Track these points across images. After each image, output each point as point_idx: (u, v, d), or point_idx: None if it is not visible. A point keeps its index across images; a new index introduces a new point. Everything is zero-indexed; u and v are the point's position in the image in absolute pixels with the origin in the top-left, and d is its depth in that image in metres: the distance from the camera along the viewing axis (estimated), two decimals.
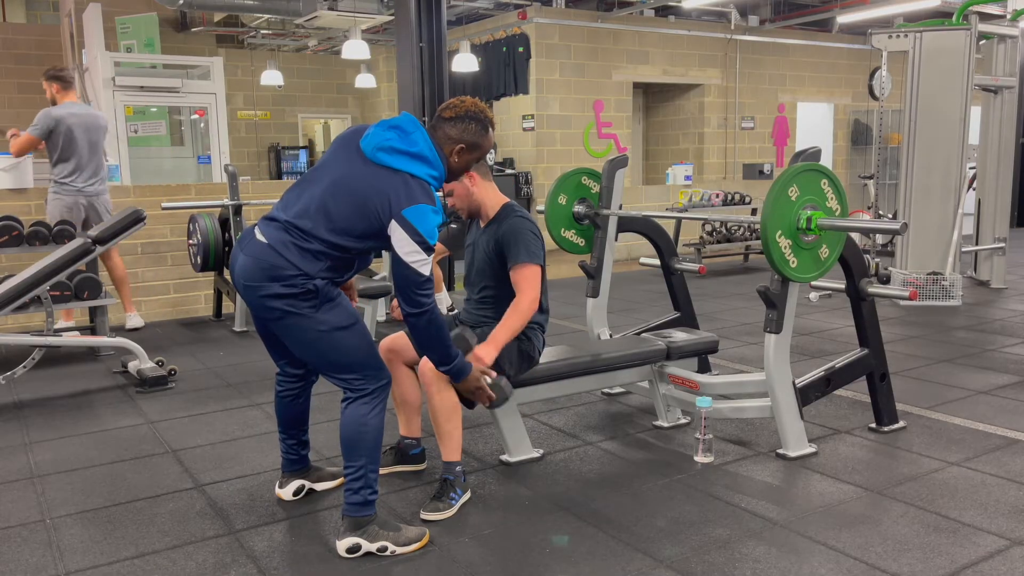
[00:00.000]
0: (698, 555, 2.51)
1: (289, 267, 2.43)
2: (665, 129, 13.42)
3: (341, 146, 2.56)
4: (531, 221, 3.09)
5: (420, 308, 2.46)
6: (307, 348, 2.53)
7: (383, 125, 2.50)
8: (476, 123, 2.58)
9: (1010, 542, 2.56)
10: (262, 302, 2.47)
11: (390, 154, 2.44)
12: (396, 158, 2.44)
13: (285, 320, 2.47)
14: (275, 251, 2.44)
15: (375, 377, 2.53)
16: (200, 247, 5.88)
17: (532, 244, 3.03)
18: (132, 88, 8.40)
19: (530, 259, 3.00)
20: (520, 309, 2.97)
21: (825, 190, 3.15)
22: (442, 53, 7.33)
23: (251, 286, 2.47)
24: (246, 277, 2.48)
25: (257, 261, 2.46)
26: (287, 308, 2.44)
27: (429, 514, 2.78)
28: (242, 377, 4.72)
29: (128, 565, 2.51)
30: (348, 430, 2.50)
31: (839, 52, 13.73)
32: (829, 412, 3.87)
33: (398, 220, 2.38)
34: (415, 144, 2.46)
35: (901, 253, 6.74)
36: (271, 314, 2.48)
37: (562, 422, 3.80)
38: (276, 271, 2.43)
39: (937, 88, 6.48)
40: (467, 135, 2.57)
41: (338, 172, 2.49)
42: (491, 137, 2.64)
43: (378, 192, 2.41)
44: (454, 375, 2.70)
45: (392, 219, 2.39)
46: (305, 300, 2.44)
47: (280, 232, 2.47)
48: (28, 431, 3.81)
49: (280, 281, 2.43)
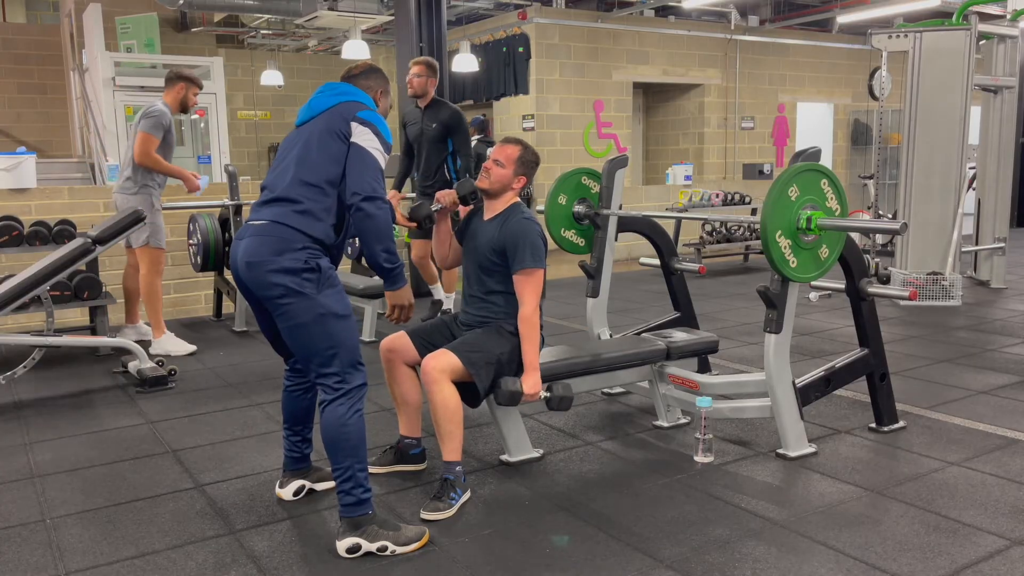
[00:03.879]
0: (698, 555, 2.51)
1: (293, 235, 2.50)
2: (665, 129, 13.42)
3: (288, 138, 2.77)
4: (537, 224, 3.12)
5: (377, 194, 2.56)
6: (299, 331, 2.52)
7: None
8: (380, 74, 2.91)
9: (1010, 542, 2.56)
10: (266, 278, 2.49)
11: (327, 96, 2.71)
12: (334, 97, 2.71)
13: (286, 298, 2.49)
14: (277, 223, 2.53)
15: (353, 376, 2.56)
16: (200, 247, 5.88)
17: (539, 248, 3.05)
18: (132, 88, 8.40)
19: (535, 264, 3.02)
20: (529, 320, 3.00)
21: (825, 190, 3.15)
22: (442, 53, 7.33)
23: (255, 262, 2.50)
24: (250, 255, 2.52)
25: (261, 238, 2.52)
26: (290, 284, 2.47)
27: (429, 514, 2.78)
28: (242, 377, 4.72)
29: (128, 565, 2.51)
30: (330, 432, 2.52)
31: (839, 52, 13.73)
32: (829, 412, 3.87)
33: (356, 120, 2.61)
34: (340, 86, 2.77)
35: (901, 253, 6.74)
36: (273, 291, 2.49)
37: (562, 422, 3.80)
38: (282, 244, 2.49)
39: (937, 88, 6.49)
40: (380, 82, 2.88)
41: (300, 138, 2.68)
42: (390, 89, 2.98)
43: (333, 118, 2.63)
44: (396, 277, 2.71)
45: (351, 123, 2.60)
46: (308, 278, 2.49)
47: (273, 207, 2.58)
48: (28, 431, 3.81)
49: (286, 254, 2.48)
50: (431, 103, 5.50)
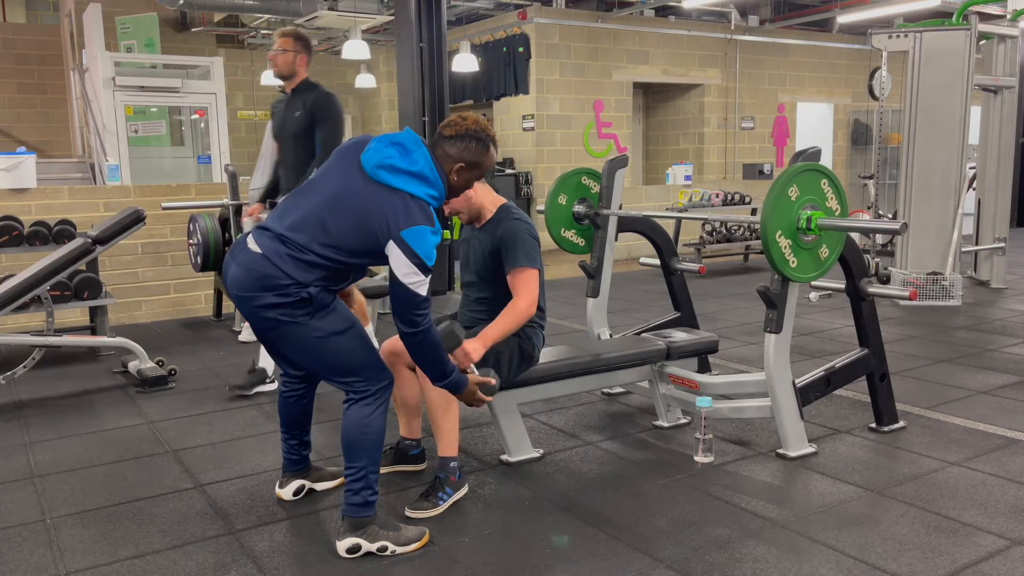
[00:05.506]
0: (698, 555, 2.51)
1: (282, 276, 2.40)
2: (665, 129, 13.41)
3: (341, 159, 2.53)
4: (529, 223, 3.09)
5: (416, 328, 2.43)
6: (305, 355, 2.52)
7: (384, 141, 2.46)
8: (477, 142, 2.54)
9: (1010, 542, 2.56)
10: (256, 312, 2.45)
11: (391, 172, 2.40)
12: (396, 177, 2.40)
13: (280, 329, 2.46)
14: (268, 261, 2.41)
15: (376, 378, 2.53)
16: (200, 247, 5.88)
17: (530, 248, 3.03)
18: (132, 88, 8.40)
19: (528, 263, 3.00)
20: (517, 310, 2.96)
21: (825, 190, 3.15)
22: (442, 53, 7.33)
23: (244, 296, 2.45)
24: (239, 287, 2.46)
25: (249, 271, 2.43)
26: (281, 317, 2.43)
27: (414, 512, 2.79)
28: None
29: (128, 565, 2.51)
30: (350, 431, 2.50)
31: (839, 52, 13.73)
32: (829, 412, 3.87)
33: (396, 241, 2.35)
34: (416, 163, 2.42)
35: (901, 253, 6.74)
36: (266, 324, 2.46)
37: (562, 422, 3.80)
38: (269, 280, 2.40)
39: (937, 88, 6.48)
40: (467, 154, 2.53)
41: (337, 187, 2.46)
42: (492, 155, 2.60)
43: (377, 211, 2.38)
44: (450, 389, 2.65)
45: (390, 239, 2.35)
46: (300, 308, 2.42)
47: (274, 242, 2.44)
48: (28, 431, 3.81)
49: (273, 291, 2.40)
50: (299, 87, 4.26)
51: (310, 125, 4.13)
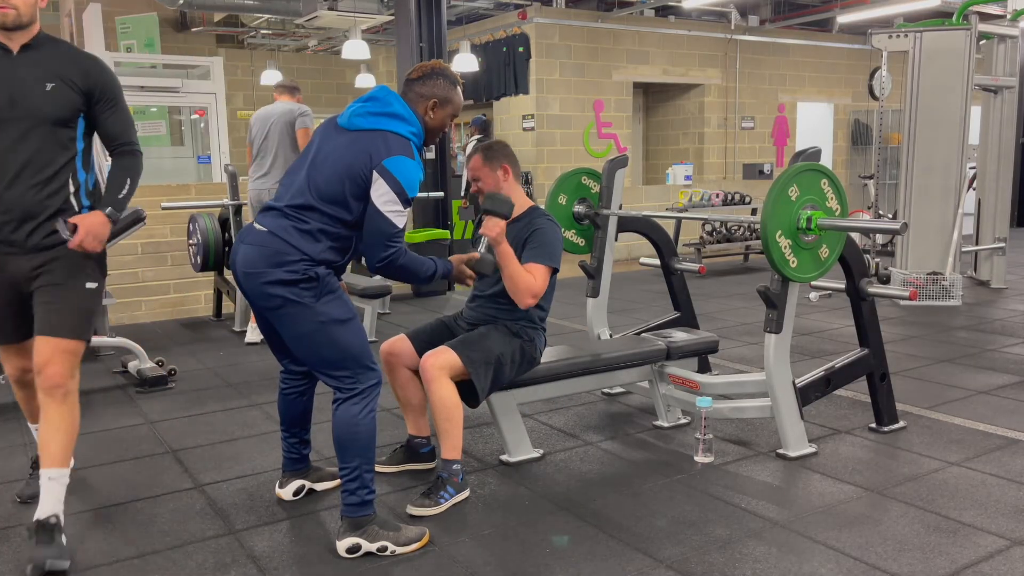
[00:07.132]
0: (698, 555, 2.51)
1: (291, 251, 2.45)
2: (665, 129, 13.41)
3: (321, 131, 2.67)
4: (559, 227, 3.16)
5: (388, 254, 2.51)
6: (303, 340, 2.53)
7: (358, 100, 2.61)
8: (443, 78, 2.65)
9: (1010, 542, 2.56)
10: (263, 289, 2.47)
11: (365, 117, 2.54)
12: (373, 119, 2.53)
13: (285, 308, 2.48)
14: (276, 236, 2.48)
15: (366, 376, 2.54)
16: (200, 247, 5.88)
17: (556, 249, 3.09)
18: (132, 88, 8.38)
19: (550, 261, 3.05)
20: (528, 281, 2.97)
21: (825, 190, 3.15)
22: (442, 53, 7.33)
23: (252, 273, 2.48)
24: (247, 265, 2.50)
25: (259, 248, 2.49)
26: (288, 295, 2.45)
27: (415, 509, 2.79)
28: (242, 377, 4.72)
29: (128, 565, 2.51)
30: (340, 431, 2.51)
31: (839, 52, 13.72)
32: (829, 412, 3.87)
33: (379, 171, 2.44)
34: (389, 105, 2.56)
35: (901, 253, 6.74)
36: (271, 302, 2.48)
37: (562, 422, 3.80)
38: (278, 256, 2.45)
39: (937, 88, 6.48)
40: (437, 90, 2.64)
41: (320, 149, 2.58)
42: (460, 93, 2.71)
43: (360, 152, 2.48)
44: (442, 278, 2.75)
45: (373, 170, 2.45)
46: (307, 288, 2.46)
47: (278, 218, 2.52)
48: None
49: (283, 267, 2.45)
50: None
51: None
